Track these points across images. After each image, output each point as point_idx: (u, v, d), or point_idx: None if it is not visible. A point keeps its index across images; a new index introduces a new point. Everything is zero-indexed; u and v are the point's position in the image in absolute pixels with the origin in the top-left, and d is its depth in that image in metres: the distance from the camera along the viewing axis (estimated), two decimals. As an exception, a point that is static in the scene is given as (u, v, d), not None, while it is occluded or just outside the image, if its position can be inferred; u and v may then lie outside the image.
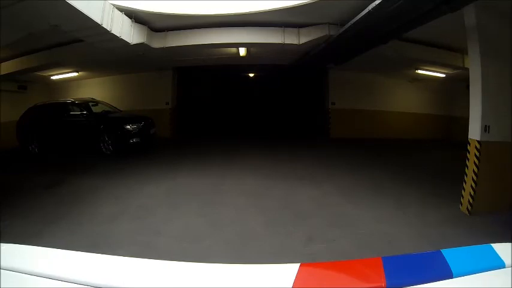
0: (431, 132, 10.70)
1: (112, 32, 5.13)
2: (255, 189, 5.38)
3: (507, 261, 0.86)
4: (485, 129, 4.25)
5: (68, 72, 10.06)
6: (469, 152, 4.44)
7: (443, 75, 9.15)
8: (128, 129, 8.16)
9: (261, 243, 3.60)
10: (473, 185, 4.32)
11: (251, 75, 13.67)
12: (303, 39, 6.62)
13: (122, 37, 5.48)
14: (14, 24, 4.68)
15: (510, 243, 0.95)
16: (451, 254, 0.90)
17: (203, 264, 0.89)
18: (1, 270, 0.85)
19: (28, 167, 7.47)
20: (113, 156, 8.04)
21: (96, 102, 9.21)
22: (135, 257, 0.92)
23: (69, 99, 9.02)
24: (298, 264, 0.85)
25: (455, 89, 9.81)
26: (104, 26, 4.85)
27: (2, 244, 1.00)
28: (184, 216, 4.32)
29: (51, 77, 10.12)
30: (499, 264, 0.86)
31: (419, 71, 9.21)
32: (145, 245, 3.54)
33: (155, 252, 3.39)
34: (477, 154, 4.30)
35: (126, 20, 5.67)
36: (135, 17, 5.91)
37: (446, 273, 0.81)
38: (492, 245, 0.95)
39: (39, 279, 0.83)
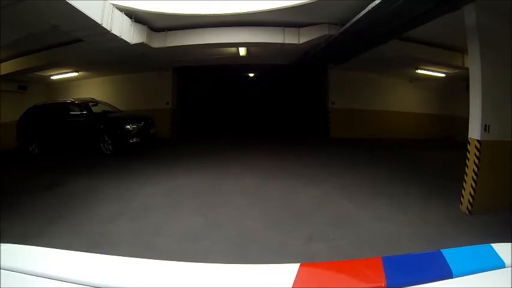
0: (432, 131, 10.71)
1: (112, 31, 5.12)
2: (255, 189, 5.38)
3: (507, 261, 0.86)
4: (485, 128, 4.24)
5: (67, 72, 10.06)
6: (469, 152, 4.43)
7: (444, 75, 9.15)
8: (128, 129, 8.18)
9: (261, 242, 3.60)
10: (474, 184, 4.31)
11: (251, 74, 13.67)
12: (303, 39, 6.62)
13: (121, 37, 5.47)
14: (14, 24, 4.68)
15: (510, 243, 0.95)
16: (451, 254, 0.89)
17: (203, 264, 0.89)
18: (1, 270, 0.85)
19: (28, 168, 7.48)
20: (113, 156, 8.06)
21: (96, 102, 9.22)
22: (135, 257, 0.92)
23: (69, 99, 9.04)
24: (298, 264, 0.85)
25: (455, 88, 9.83)
26: (104, 25, 4.84)
27: (2, 244, 1.00)
28: (185, 216, 4.32)
29: (51, 77, 10.12)
30: (499, 264, 0.86)
31: (420, 71, 9.19)
32: (146, 245, 3.55)
33: (156, 251, 3.39)
34: (477, 154, 4.29)
35: (126, 20, 5.67)
36: (135, 16, 5.91)
37: (446, 273, 0.81)
38: (492, 245, 0.95)
39: (39, 279, 0.83)
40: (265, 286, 0.82)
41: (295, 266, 0.85)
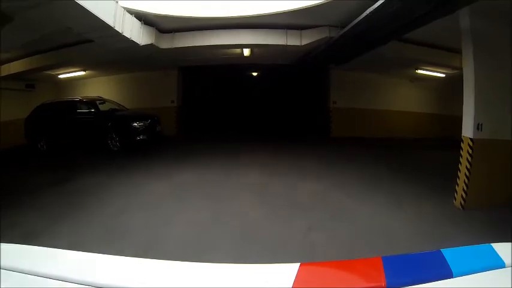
0: (432, 131, 10.85)
1: (123, 33, 5.35)
2: (258, 186, 5.56)
3: (507, 261, 0.86)
4: (478, 127, 4.43)
5: (75, 71, 10.23)
6: (462, 149, 4.63)
7: (443, 75, 9.30)
8: (135, 127, 8.37)
9: (265, 233, 3.83)
10: (466, 180, 4.50)
11: (254, 74, 13.84)
12: (305, 41, 6.83)
13: (132, 38, 5.70)
14: (29, 26, 4.91)
15: (510, 243, 0.95)
16: (451, 254, 0.90)
17: (203, 264, 0.90)
18: (1, 270, 0.85)
19: (38, 165, 7.73)
20: (121, 153, 8.25)
21: (103, 101, 9.38)
22: (135, 257, 0.94)
23: (77, 98, 9.22)
24: (298, 264, 0.86)
25: (455, 88, 9.93)
26: (116, 28, 5.08)
27: (2, 244, 1.00)
28: (192, 210, 4.54)
29: (59, 76, 10.29)
30: (499, 264, 0.86)
31: (420, 71, 9.35)
32: (153, 238, 3.77)
33: (163, 243, 3.63)
34: (470, 151, 4.49)
35: (136, 22, 5.89)
36: (144, 19, 6.12)
37: (446, 273, 0.81)
38: (492, 244, 0.95)
39: (39, 279, 0.83)
40: (265, 286, 0.82)
41: (295, 266, 0.85)
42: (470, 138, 4.48)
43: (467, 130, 4.55)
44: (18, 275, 0.85)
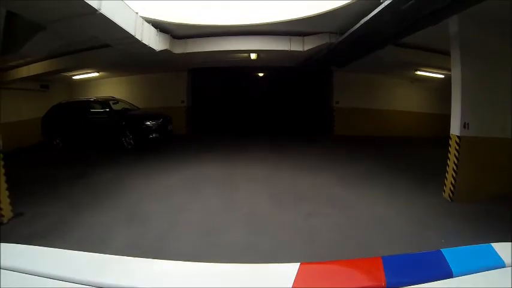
0: (432, 131, 10.96)
1: (142, 41, 5.86)
2: (263, 180, 5.97)
3: (507, 261, 0.87)
4: (465, 125, 4.84)
5: (89, 73, 10.70)
6: (450, 146, 5.04)
7: (442, 76, 9.61)
8: (148, 125, 8.77)
9: (269, 217, 4.32)
10: (454, 174, 4.90)
11: (260, 74, 14.26)
12: (307, 46, 7.31)
13: (150, 45, 6.20)
14: (59, 35, 5.43)
15: (510, 243, 0.96)
16: (451, 254, 0.90)
17: (203, 264, 0.90)
18: (1, 270, 0.85)
19: (57, 161, 8.26)
20: (135, 150, 8.69)
21: (116, 101, 9.79)
22: (135, 257, 0.95)
23: (92, 98, 9.66)
24: (298, 264, 0.86)
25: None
26: (136, 36, 5.57)
27: (2, 244, 1.00)
28: (204, 197, 5.06)
29: (73, 77, 10.76)
30: (499, 264, 0.86)
31: (419, 72, 9.68)
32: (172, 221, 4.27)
33: (180, 225, 4.13)
34: (457, 148, 4.90)
35: (153, 30, 6.39)
36: (160, 27, 6.63)
37: (446, 273, 0.82)
38: (492, 244, 0.95)
39: (39, 279, 0.83)
40: (265, 286, 0.82)
41: (295, 266, 0.85)
42: (458, 136, 4.89)
43: (455, 128, 4.96)
44: (18, 275, 0.85)
